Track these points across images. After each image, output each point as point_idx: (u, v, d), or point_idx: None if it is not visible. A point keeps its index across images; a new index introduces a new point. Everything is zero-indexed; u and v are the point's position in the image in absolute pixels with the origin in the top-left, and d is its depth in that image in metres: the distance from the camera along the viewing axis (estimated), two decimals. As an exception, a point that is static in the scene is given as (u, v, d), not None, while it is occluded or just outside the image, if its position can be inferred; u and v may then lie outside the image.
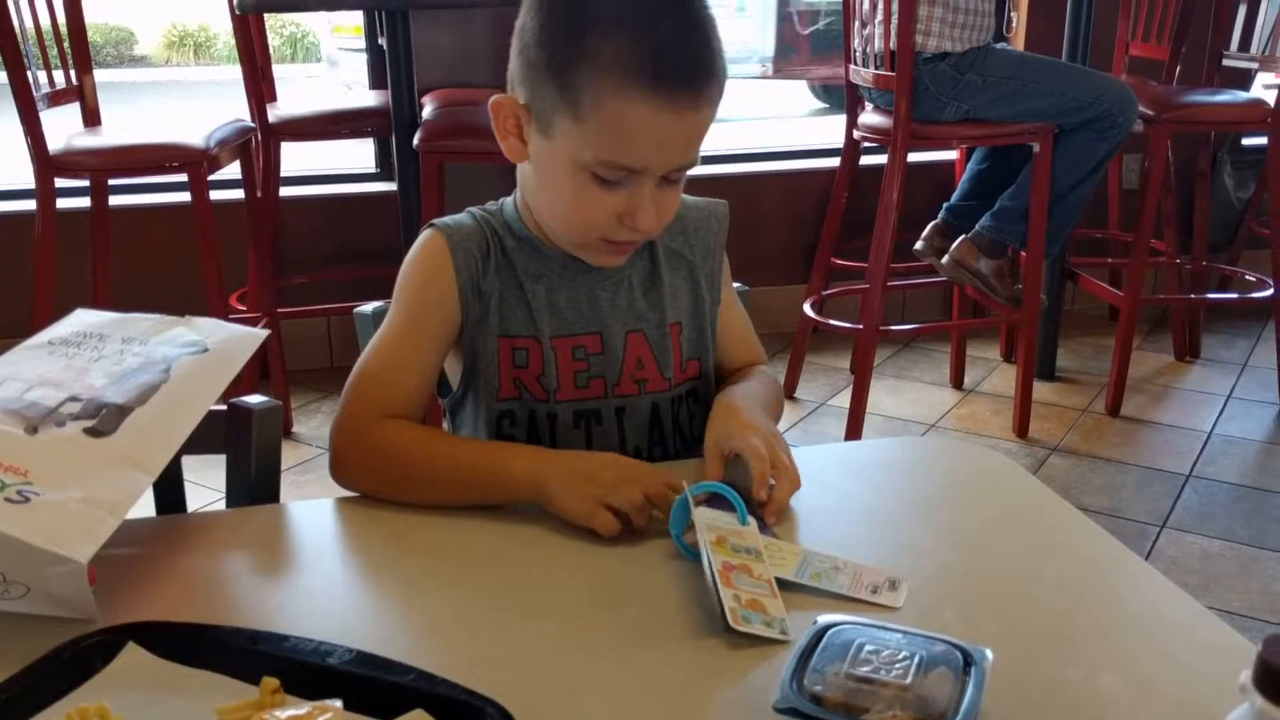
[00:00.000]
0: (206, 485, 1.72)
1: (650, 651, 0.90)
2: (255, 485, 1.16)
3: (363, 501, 1.14)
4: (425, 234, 1.25)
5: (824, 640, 0.84)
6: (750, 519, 1.04)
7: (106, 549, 0.90)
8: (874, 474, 1.21)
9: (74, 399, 1.01)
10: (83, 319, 1.15)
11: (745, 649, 0.91)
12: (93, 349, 1.09)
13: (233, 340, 1.12)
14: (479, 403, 1.25)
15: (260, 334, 1.14)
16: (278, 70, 3.23)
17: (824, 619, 0.87)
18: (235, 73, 3.08)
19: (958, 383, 3.46)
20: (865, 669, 0.81)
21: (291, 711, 0.79)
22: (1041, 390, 3.31)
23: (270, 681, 0.82)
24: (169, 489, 1.20)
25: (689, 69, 1.08)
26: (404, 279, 1.24)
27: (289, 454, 2.90)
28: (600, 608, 0.96)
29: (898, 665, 0.81)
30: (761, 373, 1.33)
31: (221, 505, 1.22)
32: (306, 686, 0.82)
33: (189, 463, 1.25)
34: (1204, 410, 3.30)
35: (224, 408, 1.18)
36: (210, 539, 1.08)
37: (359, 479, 1.15)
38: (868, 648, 0.83)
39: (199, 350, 1.09)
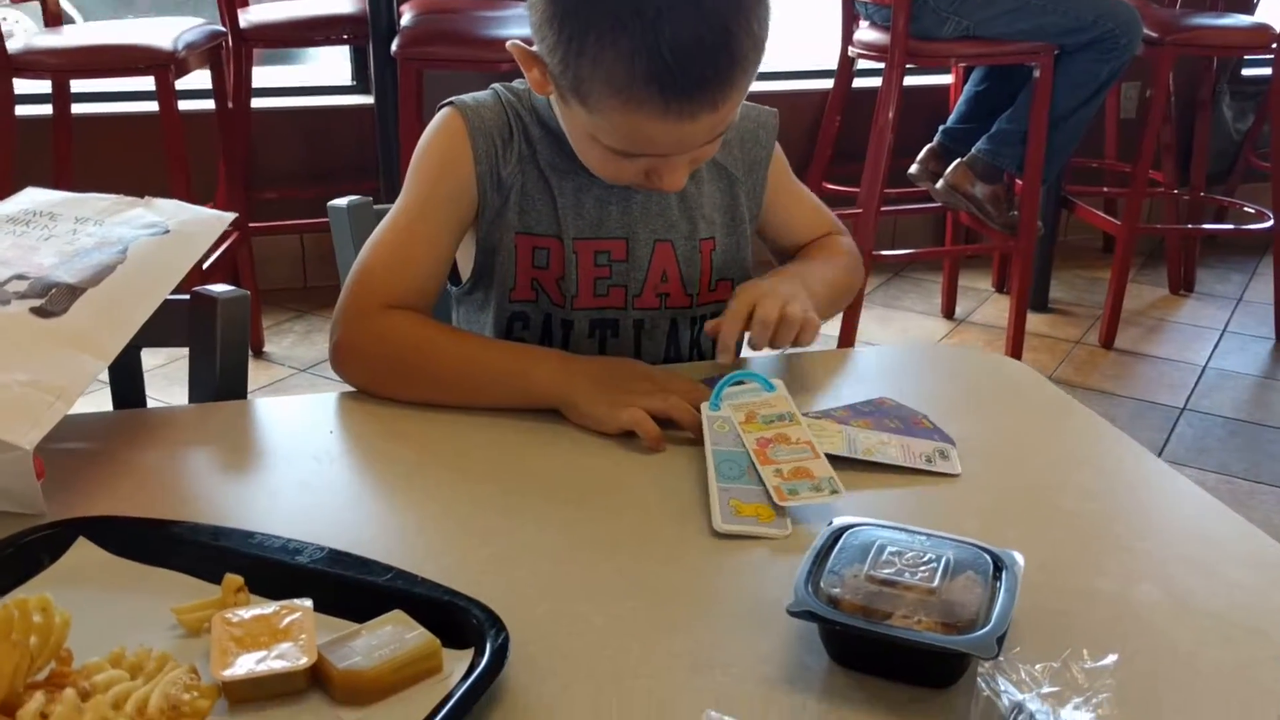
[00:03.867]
0: (170, 403, 1.64)
1: (649, 555, 0.83)
2: (220, 381, 1.07)
3: (339, 398, 1.06)
4: (443, 113, 1.14)
5: (841, 541, 0.77)
6: (777, 383, 0.99)
7: (56, 442, 0.83)
8: (888, 380, 1.14)
9: (20, 277, 0.92)
10: (33, 197, 1.06)
11: (753, 551, 0.84)
12: (43, 228, 1.00)
13: (196, 222, 1.03)
14: (490, 300, 1.17)
15: (226, 216, 1.06)
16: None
17: (840, 520, 0.80)
18: None
19: (949, 312, 3.39)
20: (887, 571, 0.74)
21: (256, 611, 0.72)
22: (1034, 321, 3.24)
23: (233, 579, 0.75)
24: (127, 385, 1.11)
25: (703, 80, 0.94)
26: (418, 162, 1.13)
27: (259, 374, 2.81)
28: (596, 510, 0.89)
29: (922, 568, 0.74)
30: (828, 245, 1.25)
31: (185, 405, 1.13)
32: (273, 587, 0.75)
33: (152, 380, 1.17)
34: (1198, 344, 3.25)
35: (186, 298, 1.09)
36: (170, 435, 1.00)
37: (360, 372, 1.06)
38: (889, 549, 0.76)
39: (159, 231, 1.01)
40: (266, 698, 0.67)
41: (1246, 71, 3.93)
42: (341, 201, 1.31)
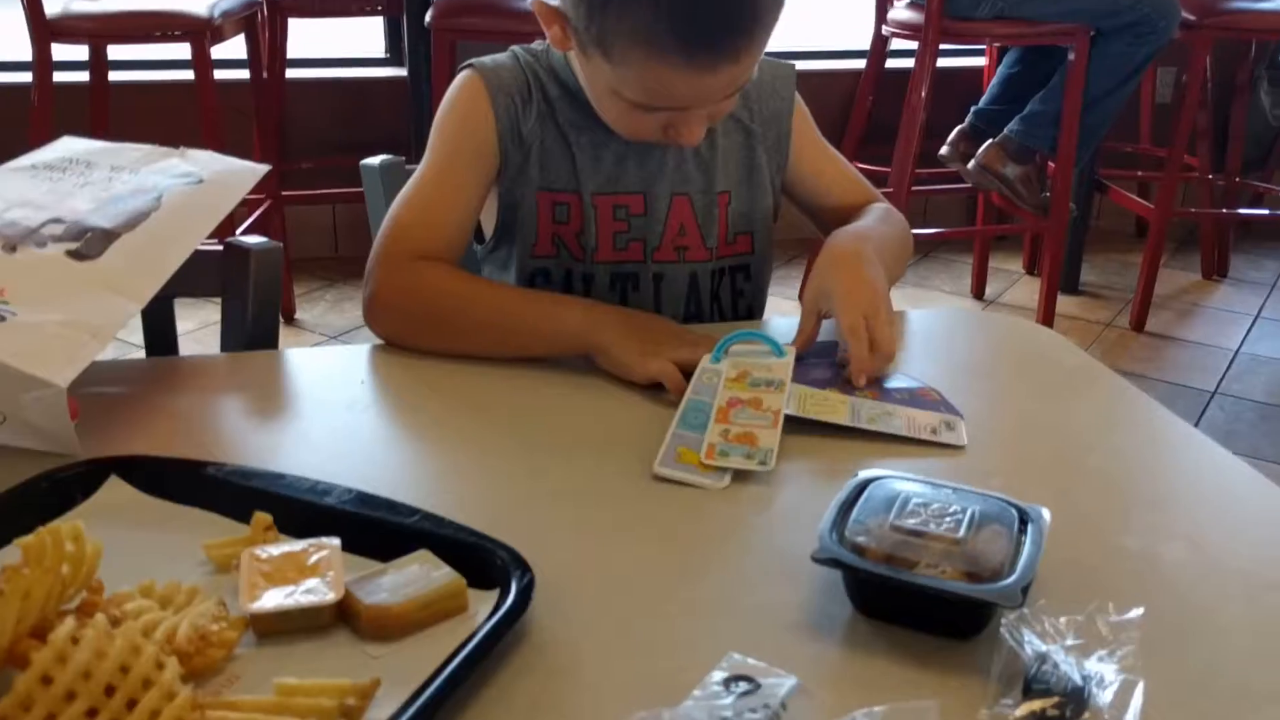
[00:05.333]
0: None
1: (672, 504, 0.84)
2: (252, 330, 1.08)
3: (370, 350, 1.06)
4: (463, 75, 1.16)
5: (866, 493, 0.77)
6: (788, 350, 0.98)
7: (91, 386, 0.84)
8: (917, 343, 1.14)
9: (56, 220, 0.93)
10: (69, 145, 1.06)
11: (777, 505, 0.84)
12: (79, 174, 1.01)
13: (230, 173, 1.04)
14: (513, 257, 1.18)
15: (260, 168, 1.06)
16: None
17: (865, 473, 0.80)
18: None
19: (979, 293, 3.37)
20: (913, 522, 0.74)
21: (285, 548, 0.72)
22: (1065, 304, 3.22)
23: (263, 517, 0.75)
24: (160, 333, 1.13)
25: (726, 34, 0.97)
26: (441, 121, 1.16)
27: (290, 341, 2.82)
28: (620, 459, 0.89)
29: (948, 519, 0.74)
30: (879, 209, 1.22)
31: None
32: (302, 528, 0.75)
33: (184, 344, 1.18)
34: (1231, 329, 3.21)
35: (220, 248, 1.10)
36: (203, 381, 1.01)
37: (394, 323, 1.07)
38: (915, 500, 0.76)
39: (194, 181, 1.01)
40: (293, 632, 0.68)
41: (1286, 57, 3.88)
42: (374, 160, 1.32)
